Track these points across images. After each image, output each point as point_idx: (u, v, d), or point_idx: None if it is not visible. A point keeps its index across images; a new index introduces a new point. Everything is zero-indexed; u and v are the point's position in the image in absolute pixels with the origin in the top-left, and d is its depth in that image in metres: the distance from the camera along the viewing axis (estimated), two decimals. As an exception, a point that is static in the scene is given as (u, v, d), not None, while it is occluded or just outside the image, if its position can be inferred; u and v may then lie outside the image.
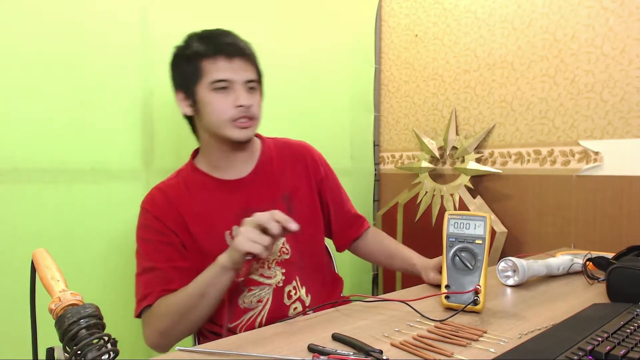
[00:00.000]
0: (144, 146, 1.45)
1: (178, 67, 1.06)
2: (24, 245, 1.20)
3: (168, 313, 0.92)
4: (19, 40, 1.22)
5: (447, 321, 0.78)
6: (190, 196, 1.05)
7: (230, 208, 1.05)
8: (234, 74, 1.01)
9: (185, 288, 0.93)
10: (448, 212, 0.90)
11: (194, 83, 1.02)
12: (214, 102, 1.00)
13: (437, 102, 2.08)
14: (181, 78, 1.05)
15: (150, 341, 0.96)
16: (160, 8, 1.48)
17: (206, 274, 0.91)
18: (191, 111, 1.06)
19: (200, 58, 1.01)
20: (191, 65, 1.02)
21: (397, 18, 2.24)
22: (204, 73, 1.00)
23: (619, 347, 0.61)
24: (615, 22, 1.54)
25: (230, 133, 1.02)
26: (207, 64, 1.00)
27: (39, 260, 0.58)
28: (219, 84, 1.00)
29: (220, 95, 1.00)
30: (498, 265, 1.06)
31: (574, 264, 1.14)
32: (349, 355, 0.63)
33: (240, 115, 1.01)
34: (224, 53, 1.00)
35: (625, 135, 1.52)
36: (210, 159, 1.09)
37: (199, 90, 1.01)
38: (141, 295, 0.97)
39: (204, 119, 1.03)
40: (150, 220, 1.01)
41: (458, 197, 1.88)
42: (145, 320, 0.97)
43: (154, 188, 1.08)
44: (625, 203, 1.52)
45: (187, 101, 1.05)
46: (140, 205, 1.05)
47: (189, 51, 1.02)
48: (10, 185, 1.22)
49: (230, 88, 1.01)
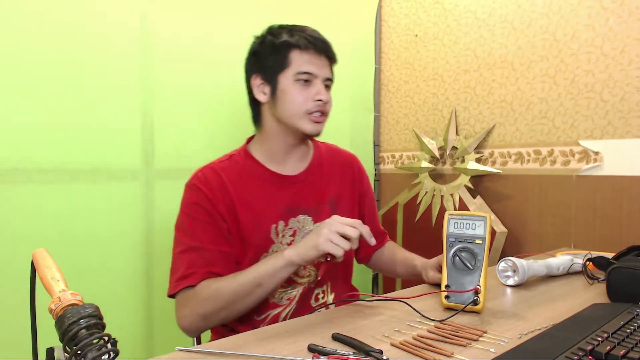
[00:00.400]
0: (144, 146, 1.45)
1: (262, 54, 1.06)
2: (24, 245, 1.21)
3: (217, 298, 0.90)
4: (19, 40, 1.22)
5: (447, 321, 0.78)
6: (242, 183, 1.04)
7: (279, 202, 1.05)
8: (318, 69, 1.04)
9: (238, 275, 0.92)
10: (448, 212, 0.90)
11: (278, 71, 1.03)
12: (295, 93, 1.02)
13: (437, 102, 2.08)
14: (263, 65, 1.05)
15: (187, 322, 0.93)
16: (160, 8, 1.48)
17: (267, 265, 0.90)
18: (265, 98, 1.06)
19: (290, 48, 1.03)
20: (279, 54, 1.03)
21: (397, 18, 2.24)
22: (291, 63, 1.02)
23: (619, 347, 0.61)
24: (615, 22, 1.54)
25: (303, 125, 1.04)
26: (295, 55, 1.02)
27: (39, 260, 0.58)
28: (304, 76, 1.02)
29: (301, 87, 1.03)
30: (498, 265, 1.06)
31: (574, 264, 1.14)
32: (349, 355, 0.63)
33: (316, 109, 1.03)
34: (314, 48, 1.03)
35: (625, 135, 1.52)
36: (269, 150, 1.09)
37: (282, 79, 1.03)
38: (181, 274, 0.95)
39: (279, 107, 1.04)
40: (201, 199, 1.00)
41: (458, 197, 1.88)
42: (182, 300, 0.94)
43: (206, 167, 1.05)
44: (625, 203, 1.52)
45: (264, 87, 1.06)
46: (190, 182, 1.03)
47: (279, 41, 1.03)
48: (10, 185, 1.22)
49: (311, 82, 1.03)
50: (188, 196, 1.02)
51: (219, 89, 1.63)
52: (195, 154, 1.58)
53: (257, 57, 1.07)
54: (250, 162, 1.08)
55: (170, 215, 1.54)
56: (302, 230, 1.07)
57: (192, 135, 1.57)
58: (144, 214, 1.47)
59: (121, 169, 1.41)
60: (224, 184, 1.02)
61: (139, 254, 1.46)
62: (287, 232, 1.05)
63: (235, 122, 1.69)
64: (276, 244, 1.04)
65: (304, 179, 1.10)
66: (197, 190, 1.01)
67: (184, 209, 1.02)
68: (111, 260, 1.38)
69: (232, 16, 1.66)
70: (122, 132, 1.41)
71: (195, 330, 0.95)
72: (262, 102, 1.07)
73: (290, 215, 1.06)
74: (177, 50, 1.53)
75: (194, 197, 1.01)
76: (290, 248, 0.91)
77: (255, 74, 1.07)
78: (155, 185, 1.49)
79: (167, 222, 1.53)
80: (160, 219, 1.50)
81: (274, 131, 1.07)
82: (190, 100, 1.57)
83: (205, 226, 0.99)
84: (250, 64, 1.09)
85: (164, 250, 1.51)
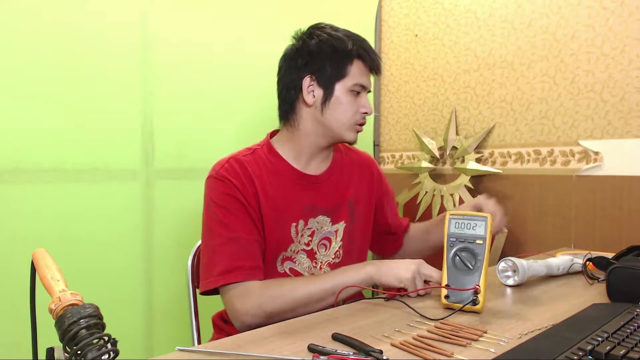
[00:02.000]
0: (144, 146, 1.45)
1: (320, 57, 1.03)
2: (23, 245, 1.21)
3: (290, 297, 0.91)
4: (19, 40, 1.22)
5: (447, 321, 0.78)
6: (266, 178, 1.03)
7: (301, 201, 1.05)
8: (368, 81, 1.07)
9: (314, 278, 0.94)
10: (449, 211, 0.90)
11: (336, 79, 1.03)
12: (348, 103, 1.03)
13: (437, 102, 2.08)
14: (320, 68, 1.03)
15: (250, 317, 0.91)
16: (160, 8, 1.48)
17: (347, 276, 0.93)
18: (313, 101, 1.04)
19: (352, 59, 1.03)
20: (341, 62, 1.03)
21: (397, 18, 2.24)
22: (349, 73, 1.03)
23: (619, 347, 0.61)
24: (615, 22, 1.54)
25: (348, 135, 1.06)
26: (356, 68, 1.03)
27: (39, 260, 0.58)
28: (358, 87, 1.04)
29: (353, 98, 1.04)
30: (498, 265, 1.06)
31: (574, 264, 1.14)
32: (349, 355, 0.63)
33: (361, 121, 1.06)
34: (372, 62, 1.05)
35: (625, 135, 1.52)
36: (295, 149, 1.07)
37: (339, 87, 1.03)
38: (225, 268, 0.93)
39: (328, 114, 1.03)
40: (231, 189, 0.98)
41: (458, 197, 1.88)
42: (239, 294, 0.92)
43: (231, 158, 1.03)
44: (625, 203, 1.52)
45: (316, 90, 1.04)
46: (218, 173, 1.00)
47: (343, 48, 1.03)
48: (10, 185, 1.22)
49: (360, 93, 1.05)
50: (217, 187, 0.99)
51: (219, 89, 1.63)
52: (195, 153, 1.58)
53: (314, 58, 1.03)
54: (275, 158, 1.06)
55: (170, 215, 1.54)
56: (321, 231, 1.07)
57: (192, 135, 1.57)
58: (144, 214, 1.47)
59: (121, 169, 1.41)
60: (250, 176, 1.01)
61: (139, 254, 1.46)
62: (305, 232, 1.06)
63: (235, 121, 1.69)
64: (295, 243, 1.04)
65: (326, 179, 1.10)
66: (226, 180, 0.99)
67: (216, 200, 0.99)
68: (111, 260, 1.38)
69: (231, 16, 1.66)
70: (122, 132, 1.41)
71: (254, 325, 0.92)
72: (308, 104, 1.05)
73: (311, 215, 1.06)
74: (177, 50, 1.53)
75: (222, 187, 0.99)
76: (372, 265, 0.94)
77: (309, 75, 1.04)
78: (155, 185, 1.49)
79: (167, 222, 1.53)
80: (160, 219, 1.50)
81: (309, 133, 1.06)
82: (190, 100, 1.57)
83: (242, 216, 0.98)
84: (304, 63, 1.04)
85: (164, 250, 1.52)
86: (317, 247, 1.08)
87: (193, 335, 1.16)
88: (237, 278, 0.92)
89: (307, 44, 1.05)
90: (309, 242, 1.06)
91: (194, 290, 1.18)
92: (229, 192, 0.98)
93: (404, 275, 0.91)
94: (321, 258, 1.08)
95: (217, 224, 0.97)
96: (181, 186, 1.55)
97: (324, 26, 1.07)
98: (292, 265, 1.05)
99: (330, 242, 1.09)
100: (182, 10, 1.54)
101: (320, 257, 1.08)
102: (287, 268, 1.04)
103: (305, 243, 1.05)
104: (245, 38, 1.70)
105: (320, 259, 1.08)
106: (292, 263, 1.05)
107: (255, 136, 1.71)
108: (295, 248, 1.04)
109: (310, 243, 1.06)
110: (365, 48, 1.04)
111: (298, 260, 1.05)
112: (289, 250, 1.04)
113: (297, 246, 1.05)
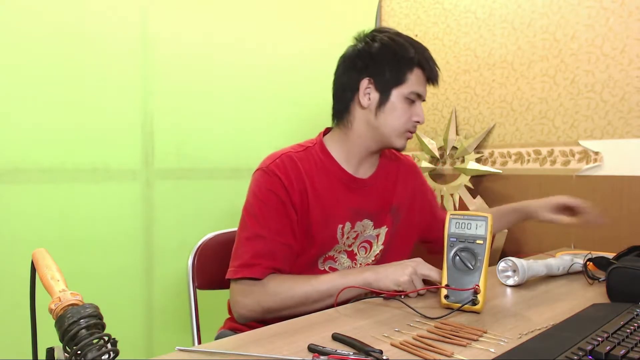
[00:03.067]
0: (144, 146, 1.45)
1: (381, 61, 1.03)
2: (23, 245, 1.21)
3: (287, 296, 0.92)
4: (18, 40, 1.22)
5: (447, 321, 0.78)
6: (317, 177, 1.02)
7: (348, 203, 1.05)
8: (425, 91, 1.06)
9: (312, 279, 0.94)
10: (450, 212, 0.90)
11: (394, 85, 1.02)
12: (401, 110, 1.03)
13: (437, 102, 2.08)
14: (380, 71, 1.03)
15: (248, 312, 0.94)
16: (160, 8, 1.48)
17: (344, 280, 0.93)
18: (369, 104, 1.04)
19: (413, 67, 1.03)
20: (401, 68, 1.02)
21: (397, 18, 2.24)
22: (408, 81, 1.02)
23: (619, 347, 0.61)
24: (615, 22, 1.54)
25: (397, 141, 1.05)
26: (415, 76, 1.03)
27: (39, 260, 0.58)
28: (414, 96, 1.04)
29: (408, 106, 1.04)
30: (498, 266, 1.06)
31: (574, 264, 1.14)
32: (349, 355, 0.63)
33: (413, 129, 1.06)
34: (431, 73, 1.05)
35: (625, 135, 1.52)
36: (347, 150, 1.07)
37: (395, 93, 1.03)
38: (245, 262, 0.95)
39: (382, 118, 1.03)
40: (276, 186, 0.97)
41: (458, 197, 1.88)
42: (244, 288, 0.95)
43: (284, 154, 1.02)
44: (625, 203, 1.52)
45: (372, 93, 1.03)
46: (267, 167, 1.00)
47: (405, 55, 1.02)
48: (10, 185, 1.22)
49: (415, 102, 1.05)
50: (263, 181, 0.99)
51: (219, 88, 1.63)
52: (195, 153, 1.58)
53: (374, 61, 1.03)
54: (327, 157, 1.06)
55: (170, 215, 1.55)
56: (363, 234, 1.08)
57: (192, 135, 1.57)
58: (144, 214, 1.47)
59: (121, 169, 1.41)
60: (301, 173, 1.00)
61: (139, 254, 1.46)
62: (351, 235, 1.06)
63: (236, 121, 1.69)
64: (339, 245, 1.05)
65: (372, 183, 1.10)
66: (273, 176, 0.98)
67: (258, 193, 0.99)
68: (111, 260, 1.38)
69: (232, 16, 1.66)
70: (122, 132, 1.41)
71: (251, 319, 0.95)
72: (363, 106, 1.04)
73: (357, 218, 1.06)
74: (177, 50, 1.53)
75: (269, 183, 0.98)
76: (371, 270, 0.94)
77: (368, 77, 1.03)
78: (155, 185, 1.49)
79: (167, 222, 1.53)
80: (160, 219, 1.50)
81: (361, 135, 1.06)
82: (191, 100, 1.57)
83: (277, 215, 0.97)
84: (364, 64, 1.04)
85: (164, 250, 1.52)
86: (358, 249, 1.08)
87: (193, 335, 1.16)
88: (252, 274, 0.94)
89: (370, 46, 1.04)
90: (351, 244, 1.07)
91: (194, 290, 1.18)
92: (272, 188, 0.98)
93: (400, 278, 0.91)
94: (361, 260, 1.09)
95: (251, 217, 0.98)
96: (181, 186, 1.55)
97: (387, 30, 1.07)
98: (333, 264, 1.06)
99: (370, 246, 1.10)
100: (182, 9, 1.54)
101: (360, 259, 1.09)
102: (327, 266, 1.06)
103: (348, 245, 1.06)
104: (246, 37, 1.70)
105: (360, 261, 1.09)
106: (333, 262, 1.06)
107: (255, 136, 1.72)
108: (339, 248, 1.05)
109: (352, 245, 1.07)
110: (426, 57, 1.04)
111: (339, 260, 1.06)
112: (333, 251, 1.05)
113: (341, 247, 1.06)
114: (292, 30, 1.88)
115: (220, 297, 1.12)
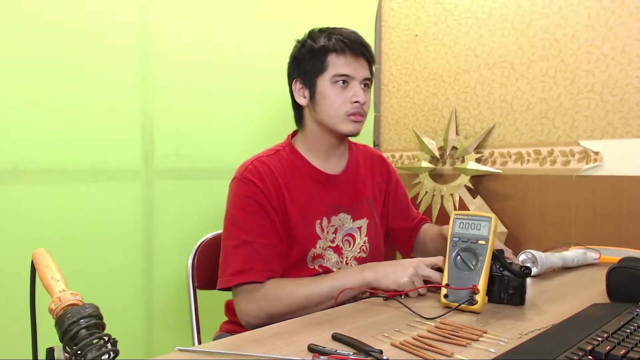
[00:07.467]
0: (144, 146, 1.45)
1: (302, 59, 1.09)
2: (23, 245, 1.20)
3: (289, 300, 0.93)
4: (19, 40, 1.22)
5: (447, 321, 0.78)
6: (290, 178, 1.06)
7: (323, 200, 1.08)
8: (355, 71, 1.05)
9: (312, 282, 0.95)
10: (454, 212, 0.91)
11: (316, 75, 1.06)
12: (332, 95, 1.04)
13: (437, 102, 2.08)
14: (303, 69, 1.08)
15: (253, 319, 0.95)
16: (160, 8, 1.48)
17: (344, 280, 0.94)
18: (305, 101, 1.09)
19: (327, 52, 1.05)
20: (317, 58, 1.05)
21: (397, 18, 2.24)
22: (328, 67, 1.05)
23: (619, 347, 0.61)
24: (615, 22, 1.54)
25: (342, 126, 1.06)
26: (333, 59, 1.05)
27: (39, 260, 0.58)
28: (340, 78, 1.04)
29: (339, 90, 1.05)
30: (518, 257, 1.10)
31: (587, 256, 1.21)
32: (349, 355, 0.63)
33: (354, 111, 1.05)
34: (351, 50, 1.05)
35: (625, 135, 1.52)
36: (311, 147, 1.11)
37: (320, 83, 1.05)
38: (237, 269, 0.96)
39: (318, 110, 1.06)
40: (254, 192, 1.00)
41: (458, 197, 1.88)
42: (245, 295, 0.96)
43: (256, 160, 1.05)
44: (625, 203, 1.52)
45: (304, 91, 1.09)
46: (242, 175, 1.03)
47: (317, 45, 1.06)
48: (10, 185, 1.22)
49: (348, 83, 1.05)
50: (240, 189, 1.02)
51: (219, 88, 1.63)
52: (195, 153, 1.58)
53: (297, 62, 1.09)
54: (297, 157, 1.10)
55: (170, 215, 1.54)
56: (342, 228, 1.11)
57: (192, 135, 1.57)
58: (144, 213, 1.47)
59: (121, 169, 1.41)
60: (275, 176, 1.03)
61: (139, 254, 1.46)
62: (329, 229, 1.08)
63: (236, 121, 1.69)
64: (322, 240, 1.07)
65: (344, 178, 1.14)
66: (249, 182, 1.01)
67: (237, 202, 1.01)
68: (111, 260, 1.38)
69: (231, 16, 1.66)
70: (122, 132, 1.41)
71: (258, 325, 0.95)
72: (302, 106, 1.10)
73: (333, 213, 1.09)
74: (177, 50, 1.53)
75: (245, 190, 1.01)
76: (370, 269, 0.95)
77: (296, 79, 1.10)
78: (155, 185, 1.49)
79: (167, 222, 1.53)
80: (160, 219, 1.50)
81: (315, 132, 1.10)
82: (191, 100, 1.57)
83: (260, 220, 1.00)
84: (292, 69, 1.12)
85: (164, 250, 1.52)
86: (342, 243, 1.11)
87: (193, 335, 1.16)
88: (247, 279, 0.95)
89: (293, 51, 1.12)
90: (334, 239, 1.09)
91: (194, 290, 1.18)
92: (251, 195, 1.00)
93: (401, 279, 0.92)
94: (347, 253, 1.11)
95: (234, 226, 1.00)
96: (181, 186, 1.55)
97: (312, 30, 1.11)
98: (322, 262, 1.08)
99: (354, 239, 1.12)
100: (182, 10, 1.53)
101: (346, 252, 1.11)
102: (317, 265, 1.07)
103: (331, 240, 1.09)
104: (246, 38, 1.70)
105: (346, 254, 1.11)
106: (322, 260, 1.08)
107: (255, 136, 1.72)
108: (324, 245, 1.07)
109: (335, 240, 1.10)
110: (342, 39, 1.05)
111: (327, 256, 1.08)
112: (318, 247, 1.06)
113: (325, 243, 1.08)
114: (292, 31, 1.88)
115: (220, 297, 1.13)
